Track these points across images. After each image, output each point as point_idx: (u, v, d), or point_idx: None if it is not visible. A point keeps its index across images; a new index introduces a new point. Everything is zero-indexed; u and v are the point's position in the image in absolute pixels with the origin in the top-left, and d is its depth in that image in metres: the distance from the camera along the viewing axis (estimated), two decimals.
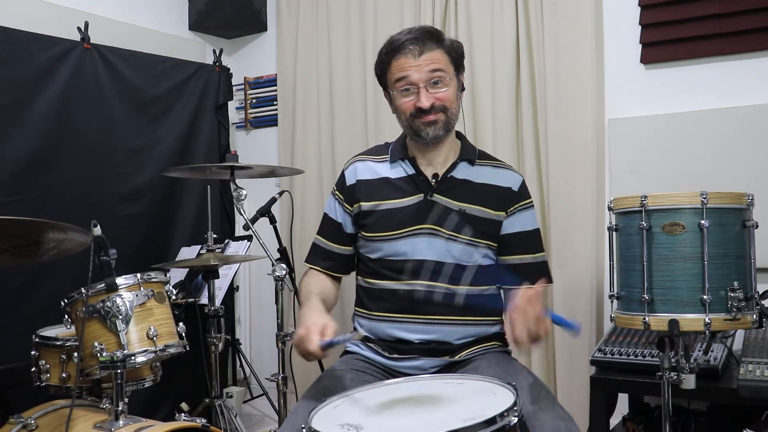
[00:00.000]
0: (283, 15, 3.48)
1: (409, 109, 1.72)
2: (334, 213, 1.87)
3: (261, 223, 2.59)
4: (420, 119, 1.71)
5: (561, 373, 2.68)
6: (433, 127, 1.71)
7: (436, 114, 1.70)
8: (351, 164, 1.88)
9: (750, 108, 2.44)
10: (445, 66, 1.72)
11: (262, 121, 3.68)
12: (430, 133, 1.72)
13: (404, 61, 1.70)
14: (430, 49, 1.70)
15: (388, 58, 1.74)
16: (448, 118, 1.73)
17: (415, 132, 1.74)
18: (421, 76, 1.69)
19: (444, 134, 1.74)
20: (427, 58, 1.69)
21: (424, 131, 1.72)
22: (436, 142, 1.75)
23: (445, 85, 1.71)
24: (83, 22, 2.84)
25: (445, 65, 1.72)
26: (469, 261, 1.74)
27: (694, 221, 1.56)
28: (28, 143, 2.64)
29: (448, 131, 1.76)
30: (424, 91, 1.69)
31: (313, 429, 1.18)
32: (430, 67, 1.69)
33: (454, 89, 1.74)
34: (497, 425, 1.12)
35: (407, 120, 1.74)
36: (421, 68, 1.69)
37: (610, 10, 2.70)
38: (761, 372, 1.87)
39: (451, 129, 1.77)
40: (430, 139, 1.73)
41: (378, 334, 1.78)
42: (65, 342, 2.04)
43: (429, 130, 1.71)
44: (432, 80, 1.69)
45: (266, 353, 3.46)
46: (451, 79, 1.73)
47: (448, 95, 1.72)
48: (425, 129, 1.72)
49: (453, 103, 1.74)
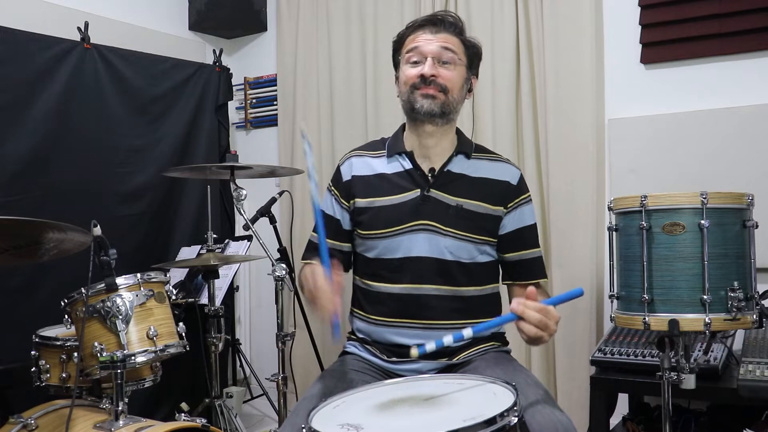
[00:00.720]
0: (283, 15, 3.48)
1: (412, 78, 1.69)
2: (332, 210, 1.83)
3: (261, 223, 2.59)
4: (419, 90, 1.68)
5: (561, 373, 2.69)
6: (429, 101, 1.67)
7: (435, 90, 1.68)
8: (347, 159, 1.86)
9: (750, 108, 2.44)
10: (459, 52, 1.71)
11: (262, 121, 3.68)
12: (425, 106, 1.67)
13: (420, 34, 1.71)
14: (449, 32, 1.71)
15: (406, 32, 1.75)
16: (447, 100, 1.69)
17: (411, 106, 1.70)
18: (432, 48, 1.68)
19: (439, 114, 1.69)
20: (443, 37, 1.70)
21: (419, 102, 1.68)
22: (430, 120, 1.70)
23: (454, 67, 1.70)
24: (83, 22, 2.84)
25: (459, 51, 1.72)
26: (468, 258, 1.73)
27: (694, 221, 1.56)
28: (28, 143, 2.64)
29: (445, 115, 1.70)
30: (431, 61, 1.68)
31: (313, 429, 1.18)
32: (443, 44, 1.69)
33: (461, 77, 1.72)
34: (497, 425, 1.12)
35: (407, 91, 1.71)
36: (433, 42, 1.69)
37: (610, 10, 2.71)
38: (761, 372, 1.87)
39: (448, 114, 1.71)
40: (424, 112, 1.68)
41: (376, 338, 1.77)
42: (65, 342, 2.03)
43: (424, 102, 1.67)
44: (442, 58, 1.69)
45: (266, 353, 3.45)
46: (461, 66, 1.72)
47: (453, 77, 1.70)
48: (421, 101, 1.68)
49: (455, 89, 1.71)
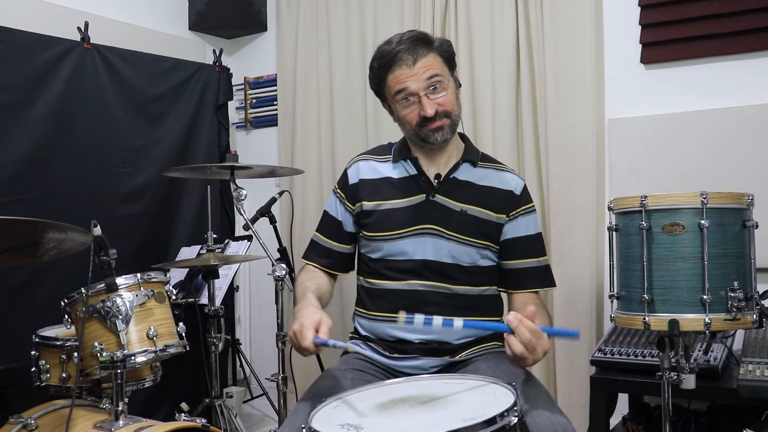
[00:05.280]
0: (283, 15, 3.48)
1: (414, 119, 1.72)
2: (335, 211, 1.88)
3: (261, 223, 2.59)
4: (426, 127, 1.72)
5: (561, 373, 2.68)
6: (441, 133, 1.72)
7: (441, 120, 1.71)
8: (354, 163, 1.89)
9: (750, 108, 2.44)
10: (441, 69, 1.72)
11: (262, 121, 3.68)
12: (439, 139, 1.73)
13: (400, 72, 1.69)
14: (423, 55, 1.69)
15: (382, 72, 1.73)
16: (452, 120, 1.74)
17: (423, 139, 1.75)
18: (419, 85, 1.69)
19: (451, 136, 1.76)
20: (422, 66, 1.69)
21: (432, 137, 1.73)
22: (444, 144, 1.77)
23: (444, 88, 1.71)
24: (83, 22, 2.84)
25: (440, 68, 1.72)
26: (469, 261, 1.76)
27: (694, 221, 1.55)
28: (28, 143, 2.64)
29: (454, 132, 1.78)
30: (426, 98, 1.69)
31: (313, 429, 1.18)
32: (427, 74, 1.69)
33: (453, 91, 1.75)
34: (497, 425, 1.12)
35: (413, 129, 1.74)
36: (418, 77, 1.68)
37: (610, 10, 2.70)
38: (761, 372, 1.87)
39: (455, 130, 1.78)
40: (439, 144, 1.74)
41: (378, 334, 1.78)
42: (65, 342, 2.03)
43: (437, 136, 1.72)
44: (431, 87, 1.69)
45: (266, 353, 3.46)
46: (449, 82, 1.73)
47: (449, 99, 1.72)
48: (433, 135, 1.72)
49: (454, 106, 1.75)
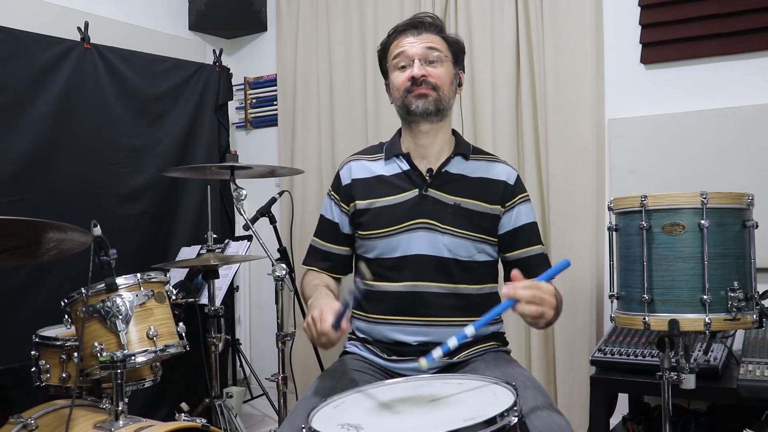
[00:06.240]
0: (283, 15, 3.48)
1: (403, 83, 1.73)
2: (331, 214, 1.87)
3: (261, 223, 2.59)
4: (412, 93, 1.71)
5: (561, 373, 2.68)
6: (423, 100, 1.71)
7: (427, 88, 1.71)
8: (345, 164, 1.88)
9: (750, 108, 2.44)
10: (443, 49, 1.74)
11: (262, 121, 3.68)
12: (420, 106, 1.70)
13: (403, 38, 1.75)
14: (430, 32, 1.74)
15: (389, 41, 1.79)
16: (439, 96, 1.72)
17: (407, 109, 1.73)
18: (416, 50, 1.72)
19: (434, 112, 1.72)
20: (425, 38, 1.74)
21: (414, 104, 1.71)
22: (426, 118, 1.72)
23: (441, 64, 1.73)
24: (83, 22, 2.84)
25: (443, 49, 1.75)
26: (466, 256, 1.73)
27: (694, 221, 1.56)
28: (28, 143, 2.64)
29: (440, 111, 1.73)
30: (419, 63, 1.71)
31: (313, 429, 1.18)
32: (427, 45, 1.73)
33: (449, 73, 1.75)
34: (497, 425, 1.11)
35: (401, 97, 1.74)
36: (417, 44, 1.73)
37: (610, 10, 2.71)
38: (761, 372, 1.87)
39: (442, 111, 1.74)
40: (420, 112, 1.71)
41: (376, 336, 1.77)
42: (65, 342, 2.03)
43: (419, 103, 1.71)
44: (428, 58, 1.72)
45: (266, 353, 3.46)
46: (447, 63, 1.75)
47: (441, 74, 1.73)
48: (415, 101, 1.71)
49: (445, 86, 1.74)
